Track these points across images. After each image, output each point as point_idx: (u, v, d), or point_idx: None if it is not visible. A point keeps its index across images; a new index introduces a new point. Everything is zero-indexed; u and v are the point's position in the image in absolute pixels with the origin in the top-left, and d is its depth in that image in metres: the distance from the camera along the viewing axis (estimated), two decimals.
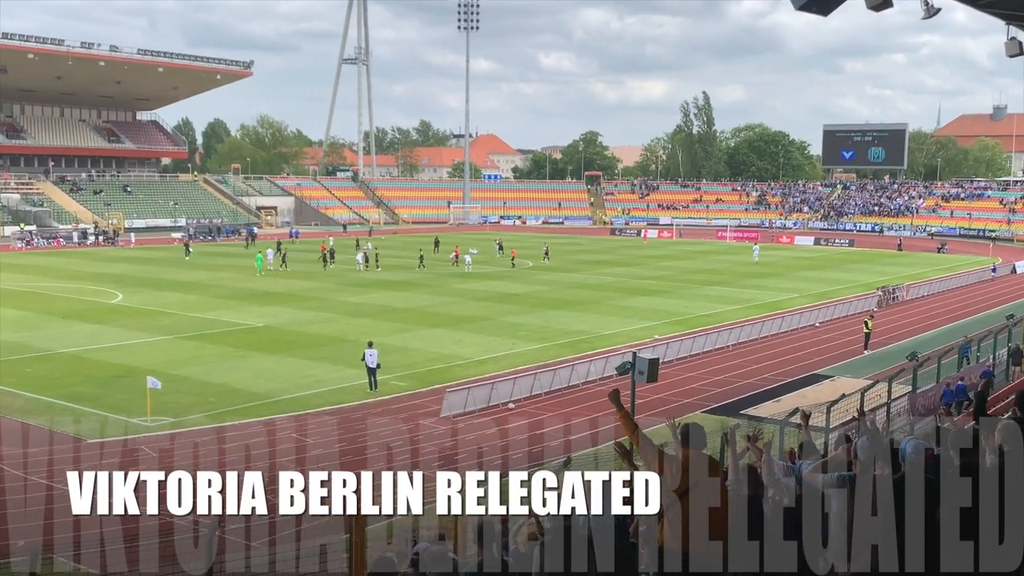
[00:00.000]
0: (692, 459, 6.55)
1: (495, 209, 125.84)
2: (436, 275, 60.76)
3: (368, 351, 29.63)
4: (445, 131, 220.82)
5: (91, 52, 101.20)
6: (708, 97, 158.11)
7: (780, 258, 77.64)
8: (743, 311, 47.43)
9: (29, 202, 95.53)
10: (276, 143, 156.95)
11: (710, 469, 6.61)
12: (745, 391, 30.59)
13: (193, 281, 55.73)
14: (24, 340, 36.31)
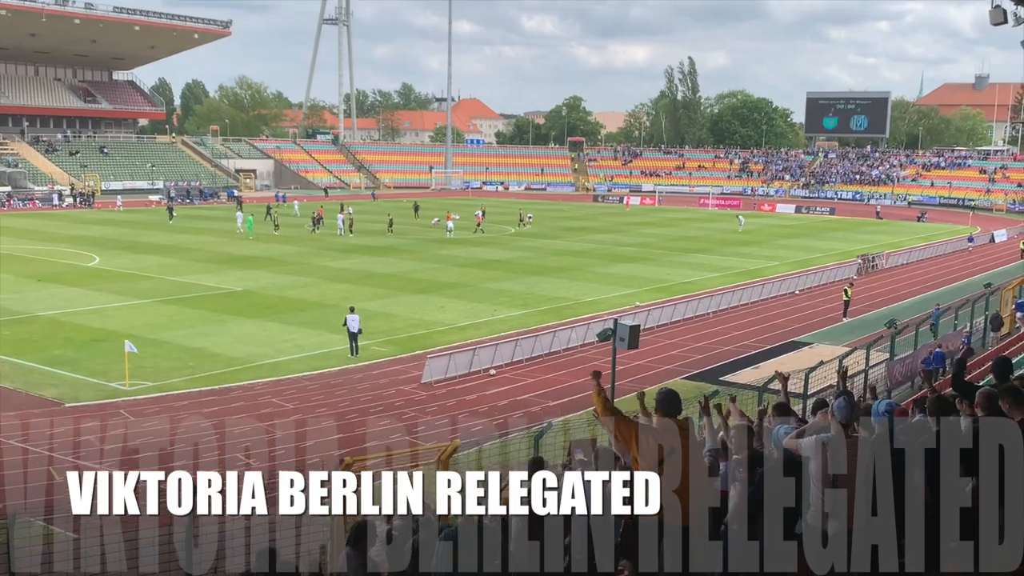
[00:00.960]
0: (666, 426, 6.54)
1: (477, 175, 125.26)
2: (418, 241, 60.55)
3: (350, 316, 29.50)
4: (427, 94, 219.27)
5: (65, 9, 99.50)
6: (694, 63, 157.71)
7: (761, 226, 77.82)
8: (724, 279, 47.55)
9: (3, 163, 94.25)
10: (255, 105, 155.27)
11: (682, 433, 6.60)
12: (725, 358, 30.73)
13: (172, 244, 55.28)
14: (1, 303, 35.92)
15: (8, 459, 19.73)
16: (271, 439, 21.42)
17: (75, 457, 19.82)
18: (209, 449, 20.55)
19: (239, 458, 20.08)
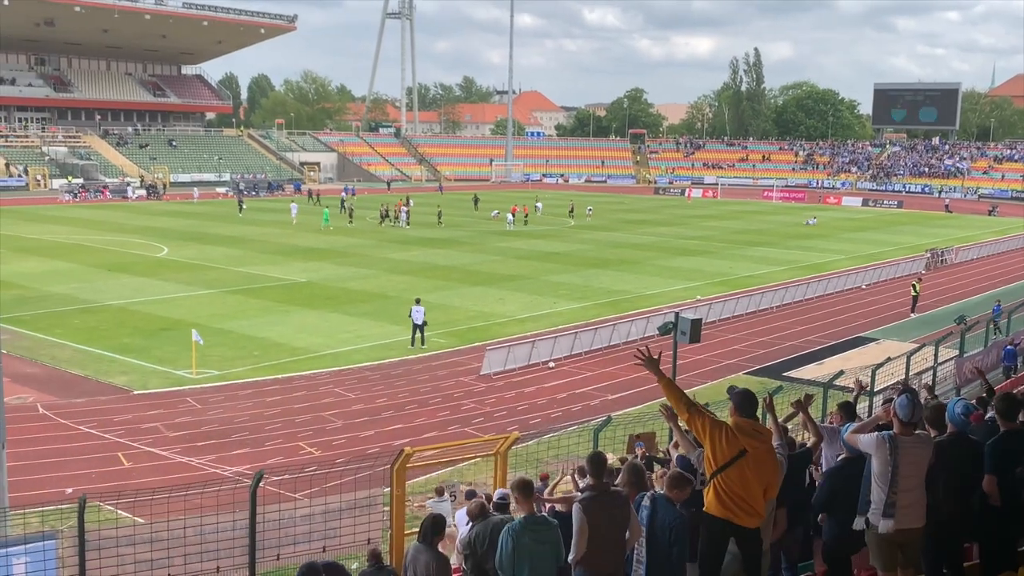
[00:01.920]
0: (741, 426, 6.46)
1: (537, 167, 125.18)
2: (478, 233, 60.72)
3: (415, 307, 29.70)
4: (488, 87, 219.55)
5: (137, 6, 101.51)
6: (759, 53, 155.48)
7: (827, 219, 76.53)
8: (788, 272, 46.88)
9: (76, 155, 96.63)
10: (320, 98, 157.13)
11: (759, 435, 6.52)
12: (788, 353, 30.30)
13: (237, 236, 56.21)
14: (72, 292, 36.90)
15: (78, 444, 20.29)
16: (332, 428, 21.69)
17: (143, 443, 20.29)
18: (272, 437, 20.91)
19: (301, 446, 20.37)
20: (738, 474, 6.36)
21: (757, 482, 6.43)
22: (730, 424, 6.48)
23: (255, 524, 10.71)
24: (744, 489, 6.38)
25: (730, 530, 6.46)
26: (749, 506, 6.41)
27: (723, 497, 6.41)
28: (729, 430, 6.41)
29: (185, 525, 10.47)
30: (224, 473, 18.19)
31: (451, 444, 17.61)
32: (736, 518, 6.41)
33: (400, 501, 12.52)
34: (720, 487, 6.41)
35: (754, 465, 6.38)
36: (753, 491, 6.42)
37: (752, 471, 6.38)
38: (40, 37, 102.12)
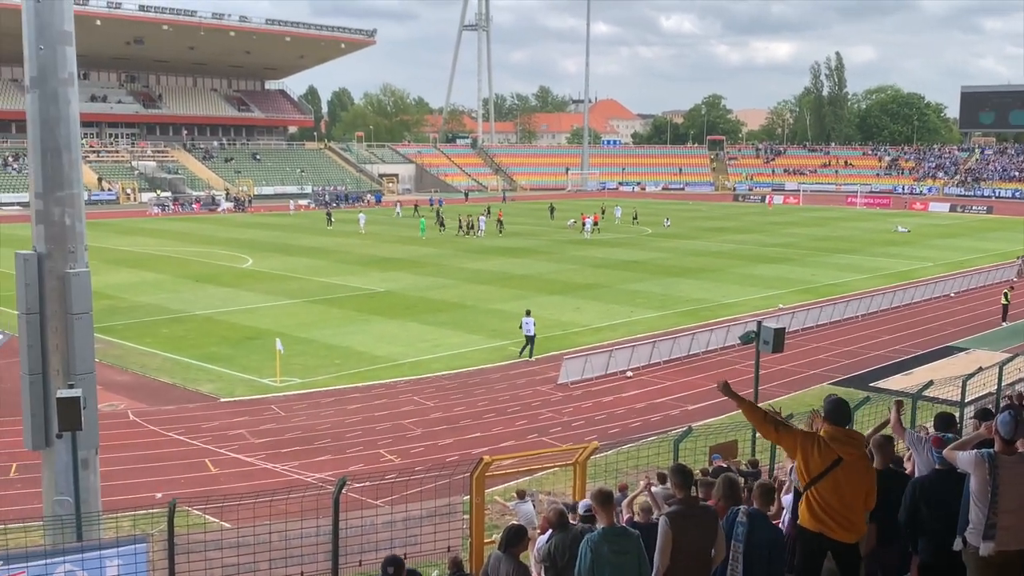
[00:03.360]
0: (833, 436, 6.33)
1: (613, 175, 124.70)
2: (554, 242, 60.74)
3: (525, 319, 29.78)
4: (564, 96, 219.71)
5: (222, 23, 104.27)
6: (841, 57, 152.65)
7: (913, 225, 74.60)
8: (873, 280, 45.83)
9: (164, 169, 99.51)
10: (398, 111, 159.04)
11: (854, 444, 6.38)
12: (874, 363, 29.58)
13: (319, 247, 57.20)
14: (161, 302, 37.98)
15: (168, 450, 20.85)
16: (411, 436, 21.89)
17: (229, 449, 20.75)
18: (353, 444, 21.20)
19: (381, 454, 20.61)
20: (833, 484, 6.21)
21: (853, 492, 6.27)
22: (822, 434, 6.36)
23: (338, 530, 10.88)
24: (839, 500, 6.22)
25: (826, 544, 6.31)
26: (845, 519, 6.24)
27: (817, 510, 6.26)
28: (821, 440, 6.28)
29: (270, 530, 10.68)
30: (307, 479, 18.50)
31: (530, 453, 17.65)
32: (831, 532, 6.24)
33: (480, 509, 12.58)
34: (814, 499, 6.26)
35: (849, 474, 6.23)
36: (849, 502, 6.26)
37: (847, 480, 6.23)
38: (130, 55, 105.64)
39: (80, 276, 11.74)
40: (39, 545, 10.48)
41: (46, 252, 11.70)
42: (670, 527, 6.35)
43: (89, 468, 12.10)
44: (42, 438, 11.84)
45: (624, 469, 17.08)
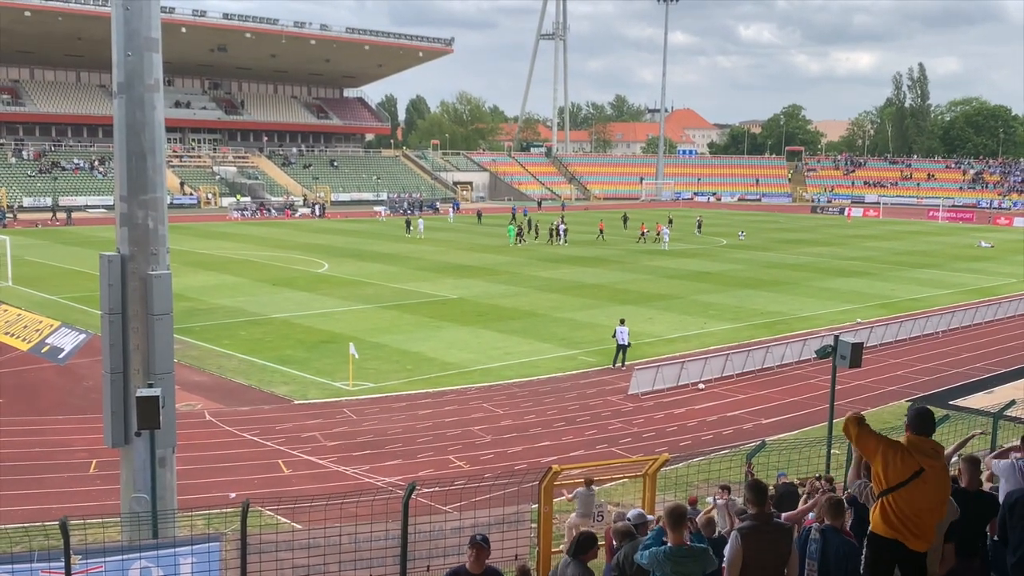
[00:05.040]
0: (915, 445, 6.18)
1: (688, 185, 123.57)
2: (627, 252, 60.41)
3: (619, 328, 29.77)
4: (640, 106, 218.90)
5: (303, 31, 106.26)
6: (924, 69, 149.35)
7: (997, 240, 72.41)
8: (955, 296, 44.58)
9: (244, 175, 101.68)
10: (474, 119, 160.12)
11: (933, 454, 6.22)
12: (954, 380, 28.74)
13: (393, 253, 57.78)
14: (239, 305, 38.74)
15: (242, 451, 21.21)
16: (480, 443, 21.92)
17: (302, 451, 21.03)
18: (423, 450, 21.32)
19: (451, 460, 20.68)
20: (910, 494, 6.08)
21: (929, 502, 6.13)
22: (904, 443, 6.22)
23: (407, 534, 10.93)
24: (914, 509, 6.09)
25: (898, 552, 6.16)
26: (919, 527, 6.11)
27: (892, 517, 6.12)
28: (904, 449, 6.14)
29: (340, 532, 10.79)
30: (377, 483, 18.63)
31: (599, 464, 17.53)
32: (905, 540, 6.11)
33: (548, 518, 12.53)
34: (890, 507, 6.12)
35: (930, 484, 6.09)
36: (923, 511, 6.12)
37: (926, 491, 6.09)
38: (213, 62, 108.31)
39: (161, 278, 12.01)
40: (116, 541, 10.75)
41: (129, 254, 12.00)
42: (741, 543, 6.23)
43: (166, 466, 12.36)
44: (121, 435, 12.13)
45: (695, 482, 16.86)
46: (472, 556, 7.77)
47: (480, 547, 7.75)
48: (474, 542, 7.81)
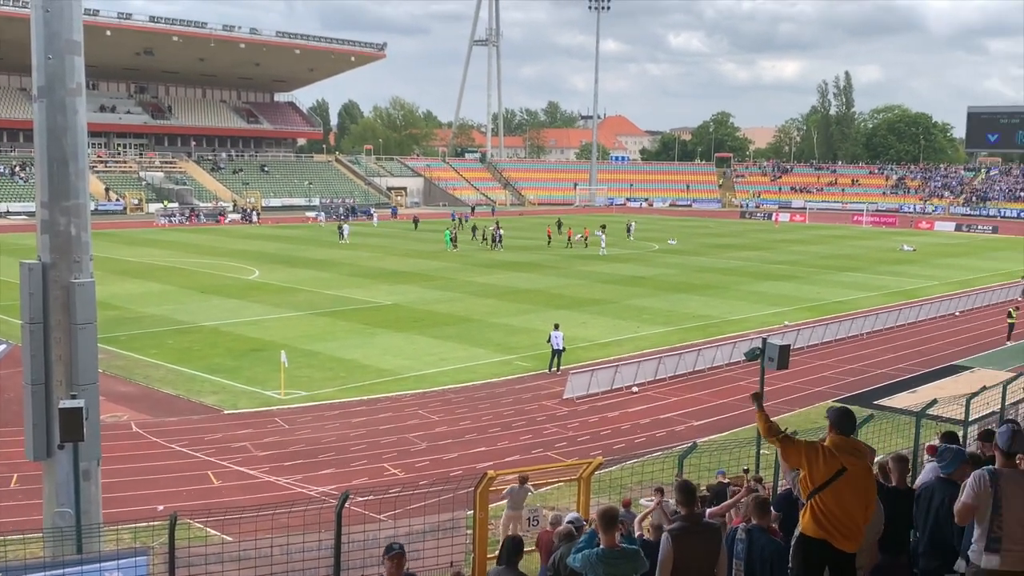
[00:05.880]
0: (838, 444, 6.31)
1: (621, 191, 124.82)
2: (562, 257, 60.74)
3: (554, 333, 29.89)
4: (573, 112, 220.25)
5: (232, 35, 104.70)
6: (850, 77, 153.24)
7: (919, 244, 74.49)
8: (878, 298, 45.71)
9: (172, 180, 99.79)
10: (407, 124, 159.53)
11: (858, 454, 6.35)
12: (879, 381, 29.47)
13: (326, 259, 57.23)
14: (167, 313, 37.99)
15: (170, 463, 20.79)
16: (416, 450, 21.82)
17: (232, 462, 20.70)
18: (357, 458, 21.13)
19: (385, 468, 20.54)
20: (836, 493, 6.19)
21: (855, 501, 6.25)
22: (827, 444, 6.34)
23: (340, 544, 10.81)
24: (842, 509, 6.21)
25: (827, 553, 6.27)
26: (847, 527, 6.23)
27: (820, 518, 6.24)
28: (827, 449, 6.27)
29: (272, 544, 10.63)
30: (310, 493, 18.42)
31: (534, 468, 17.56)
32: (834, 540, 6.22)
33: (483, 524, 12.52)
34: (818, 508, 6.24)
35: (853, 483, 6.21)
36: (852, 511, 6.24)
37: (851, 490, 6.21)
38: (140, 66, 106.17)
39: (85, 286, 11.72)
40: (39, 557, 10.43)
41: (51, 262, 11.68)
42: (672, 543, 6.30)
43: (90, 479, 12.05)
44: (44, 448, 11.79)
45: (628, 485, 17.00)
46: (392, 568, 7.66)
47: (399, 556, 7.66)
48: (391, 552, 7.70)
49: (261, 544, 10.57)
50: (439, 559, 11.70)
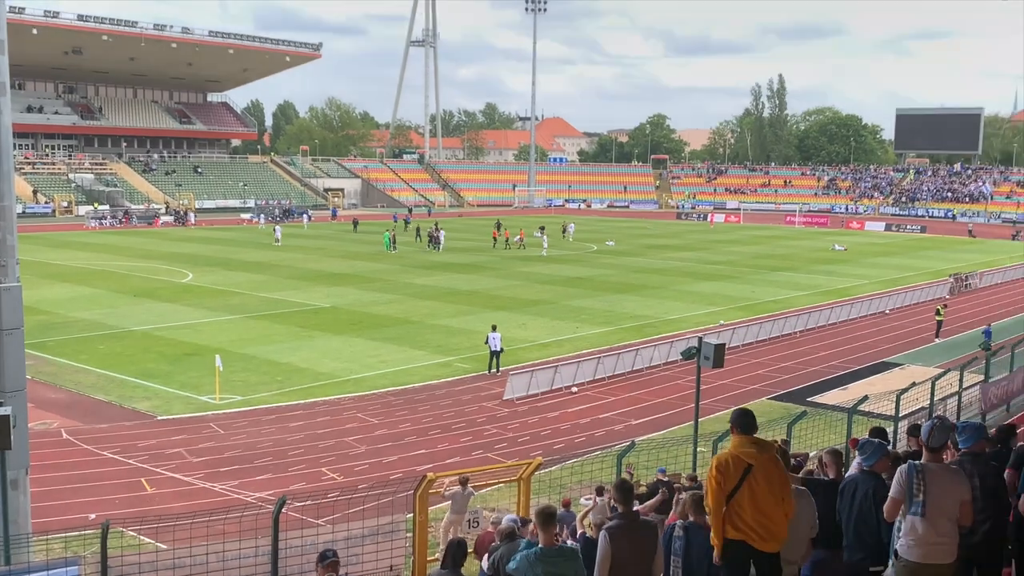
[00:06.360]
0: (742, 443, 6.38)
1: (560, 192, 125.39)
2: (501, 258, 60.82)
3: (492, 334, 29.88)
4: (511, 114, 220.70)
5: (163, 34, 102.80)
6: (783, 80, 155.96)
7: (850, 244, 76.09)
8: (811, 297, 46.60)
9: (102, 182, 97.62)
10: (344, 125, 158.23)
11: (760, 447, 6.43)
12: (812, 378, 30.05)
13: (262, 261, 56.53)
14: (97, 318, 37.18)
15: (102, 470, 20.36)
16: (354, 453, 21.67)
17: (166, 469, 20.34)
18: (295, 463, 20.91)
19: (324, 472, 20.36)
20: (751, 493, 6.23)
21: (769, 499, 6.28)
22: (731, 448, 6.41)
23: (277, 550, 10.70)
24: (757, 509, 6.24)
25: (750, 553, 6.33)
26: (764, 528, 6.26)
27: (736, 521, 6.28)
28: (731, 455, 6.33)
29: (207, 551, 10.47)
30: (247, 499, 18.19)
31: (474, 470, 17.55)
32: (753, 542, 6.27)
33: (423, 527, 12.49)
34: (734, 511, 6.28)
35: (763, 476, 6.26)
36: (767, 510, 6.26)
37: (763, 484, 6.25)
38: (68, 65, 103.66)
39: (11, 291, 11.44)
40: None
41: None
42: (609, 541, 6.34)
43: (19, 488, 11.77)
44: None
45: (568, 484, 17.10)
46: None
47: (333, 564, 7.57)
48: (325, 560, 7.60)
49: (196, 552, 10.41)
50: (378, 563, 11.64)
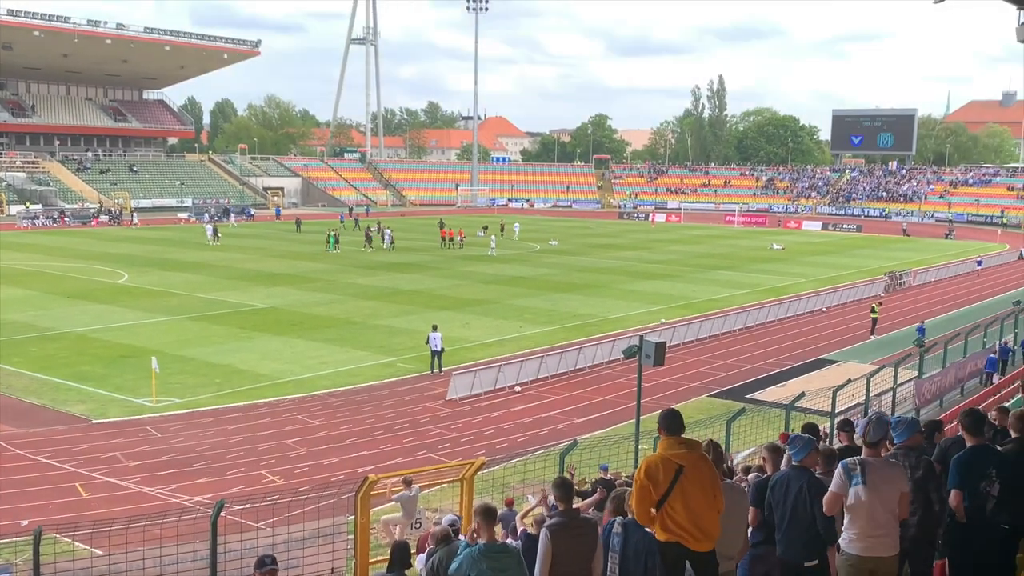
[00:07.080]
0: (671, 444, 6.41)
1: (503, 192, 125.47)
2: (444, 258, 60.69)
3: (432, 334, 29.72)
4: (453, 113, 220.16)
5: (97, 30, 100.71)
6: (723, 81, 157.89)
7: (787, 243, 77.36)
8: (750, 296, 47.27)
9: (35, 181, 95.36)
10: (283, 123, 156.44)
11: (689, 447, 6.47)
12: (751, 376, 30.50)
13: (199, 262, 55.67)
14: (29, 320, 36.30)
15: (35, 475, 19.89)
16: (295, 456, 21.45)
17: (102, 473, 19.94)
18: (234, 466, 20.64)
19: (263, 475, 20.12)
20: (682, 494, 6.24)
21: (702, 496, 6.30)
22: (659, 451, 6.42)
23: (216, 554, 10.55)
24: (688, 511, 6.25)
25: (684, 553, 6.36)
26: (698, 529, 6.29)
27: (669, 523, 6.28)
28: (660, 458, 6.33)
29: (144, 556, 10.30)
30: (185, 503, 17.90)
31: (417, 470, 17.49)
32: (686, 543, 6.30)
33: (365, 529, 12.39)
34: (667, 515, 6.28)
35: (694, 476, 6.28)
36: (699, 511, 6.29)
37: (694, 484, 6.27)
38: None
39: None
40: None
41: None
42: (550, 539, 6.35)
43: None
44: None
45: (511, 484, 17.13)
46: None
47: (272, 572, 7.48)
48: (263, 567, 7.52)
49: (132, 557, 10.23)
50: (319, 566, 11.54)
